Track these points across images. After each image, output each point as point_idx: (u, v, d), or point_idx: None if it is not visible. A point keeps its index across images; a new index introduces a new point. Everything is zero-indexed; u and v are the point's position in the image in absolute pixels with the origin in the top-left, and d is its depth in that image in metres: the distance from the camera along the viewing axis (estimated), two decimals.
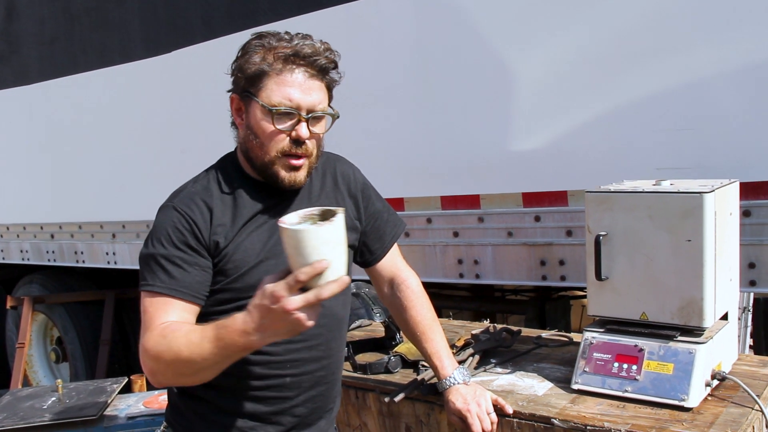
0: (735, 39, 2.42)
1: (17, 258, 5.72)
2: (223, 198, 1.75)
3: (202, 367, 1.55)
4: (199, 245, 1.68)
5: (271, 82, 1.67)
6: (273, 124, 1.68)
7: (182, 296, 1.66)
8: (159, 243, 1.69)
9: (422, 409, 2.16)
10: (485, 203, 3.06)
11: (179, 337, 1.56)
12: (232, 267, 1.70)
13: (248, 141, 1.74)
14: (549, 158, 2.84)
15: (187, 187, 1.79)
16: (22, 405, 3.24)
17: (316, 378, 1.82)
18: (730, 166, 2.41)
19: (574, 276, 2.87)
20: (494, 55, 2.92)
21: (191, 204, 1.71)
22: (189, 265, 1.67)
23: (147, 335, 1.61)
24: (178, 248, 1.67)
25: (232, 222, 1.73)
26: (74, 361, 5.69)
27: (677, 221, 1.91)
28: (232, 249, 1.71)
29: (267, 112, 1.67)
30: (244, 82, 1.71)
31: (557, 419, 1.89)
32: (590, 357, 2.05)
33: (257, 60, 1.68)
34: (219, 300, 1.72)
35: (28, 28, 5.17)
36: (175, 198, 1.75)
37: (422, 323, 2.05)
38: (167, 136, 4.35)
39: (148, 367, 1.61)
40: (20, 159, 5.50)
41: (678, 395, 1.88)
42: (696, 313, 1.93)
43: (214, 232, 1.70)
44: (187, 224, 1.68)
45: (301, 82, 1.68)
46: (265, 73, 1.67)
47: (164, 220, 1.71)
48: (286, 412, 1.80)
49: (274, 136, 1.69)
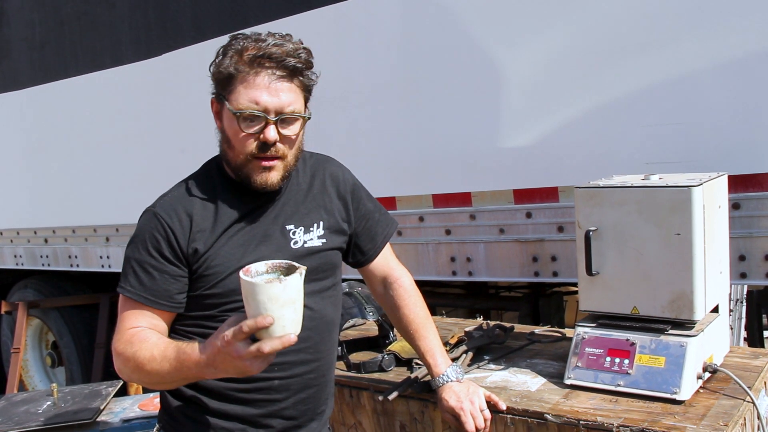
0: (722, 33, 2.43)
1: (11, 263, 5.71)
2: (204, 203, 1.75)
3: (160, 381, 1.63)
4: (173, 254, 1.70)
5: (239, 85, 1.67)
6: (240, 128, 1.68)
7: (149, 303, 1.69)
8: (136, 247, 1.72)
9: (416, 406, 2.16)
10: (477, 201, 3.06)
11: (144, 349, 1.61)
12: (212, 273, 1.71)
13: (223, 144, 1.75)
14: (539, 155, 2.85)
15: (170, 192, 1.80)
16: (17, 410, 3.23)
17: (306, 380, 1.81)
18: (718, 160, 2.42)
19: (567, 271, 2.88)
20: (483, 53, 2.92)
21: (171, 211, 1.72)
22: (159, 273, 1.69)
23: (117, 337, 1.69)
24: (150, 255, 1.70)
25: (212, 227, 1.73)
26: (70, 365, 5.68)
27: (666, 215, 1.93)
28: (212, 254, 1.71)
29: (234, 116, 1.67)
30: (217, 85, 1.72)
31: (550, 414, 1.90)
32: (582, 352, 2.06)
33: (227, 63, 1.68)
34: (204, 305, 1.73)
35: (18, 33, 5.16)
36: (157, 203, 1.77)
37: (415, 321, 2.05)
38: (159, 138, 4.35)
39: (117, 367, 1.69)
40: (13, 164, 5.49)
41: (670, 388, 1.89)
42: (686, 307, 1.94)
43: (193, 239, 1.71)
44: (163, 232, 1.70)
45: (268, 84, 1.66)
46: (234, 76, 1.67)
47: (143, 225, 1.74)
48: (276, 415, 1.79)
49: (244, 140, 1.68)
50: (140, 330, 1.68)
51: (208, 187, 1.78)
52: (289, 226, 1.80)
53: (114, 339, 1.69)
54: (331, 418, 2.35)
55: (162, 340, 1.65)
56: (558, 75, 2.78)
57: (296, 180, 1.86)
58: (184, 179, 1.83)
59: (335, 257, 1.90)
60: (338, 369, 2.41)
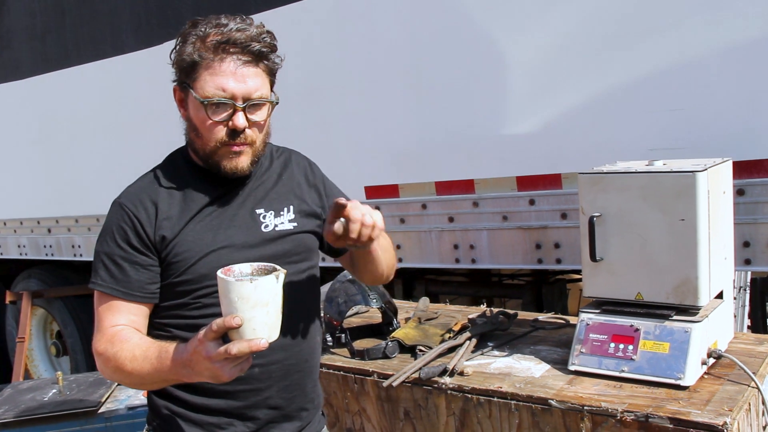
0: (726, 18, 2.42)
1: (15, 253, 5.72)
2: (170, 191, 1.73)
3: (141, 382, 1.62)
4: (141, 243, 1.68)
5: (205, 73, 1.63)
6: (208, 116, 1.65)
7: (122, 296, 1.67)
8: (104, 240, 1.71)
9: (420, 393, 2.17)
10: (480, 188, 3.06)
11: (125, 349, 1.59)
12: (181, 259, 1.68)
13: (189, 132, 1.73)
14: (542, 141, 2.84)
15: (136, 182, 1.79)
16: (23, 397, 3.25)
17: (287, 367, 1.77)
18: (723, 146, 2.41)
19: (570, 258, 2.87)
20: (486, 39, 2.91)
21: (136, 201, 1.71)
22: (129, 264, 1.67)
23: (97, 337, 1.66)
24: (119, 246, 1.68)
25: (179, 214, 1.71)
26: (74, 355, 5.70)
27: (670, 201, 1.92)
28: (180, 240, 1.69)
29: (201, 104, 1.64)
30: (180, 73, 1.69)
31: (554, 400, 1.90)
32: (587, 338, 2.06)
33: (190, 50, 1.65)
34: (176, 293, 1.70)
35: (19, 23, 5.15)
36: (122, 194, 1.75)
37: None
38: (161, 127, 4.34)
39: (98, 367, 1.68)
40: (15, 154, 5.49)
41: (674, 374, 1.89)
42: (691, 292, 1.94)
43: (159, 227, 1.69)
44: (130, 222, 1.68)
45: (234, 70, 1.63)
46: (198, 63, 1.64)
47: (110, 218, 1.72)
48: (261, 405, 1.75)
49: (212, 128, 1.66)
50: (121, 329, 1.66)
51: (174, 175, 1.76)
52: (259, 210, 1.77)
53: (94, 339, 1.67)
54: (335, 405, 2.37)
55: (144, 340, 1.63)
56: (561, 61, 2.76)
57: (265, 166, 1.83)
58: (150, 170, 1.81)
59: (309, 240, 1.85)
60: (342, 356, 2.42)
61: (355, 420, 2.36)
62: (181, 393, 1.74)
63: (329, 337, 2.50)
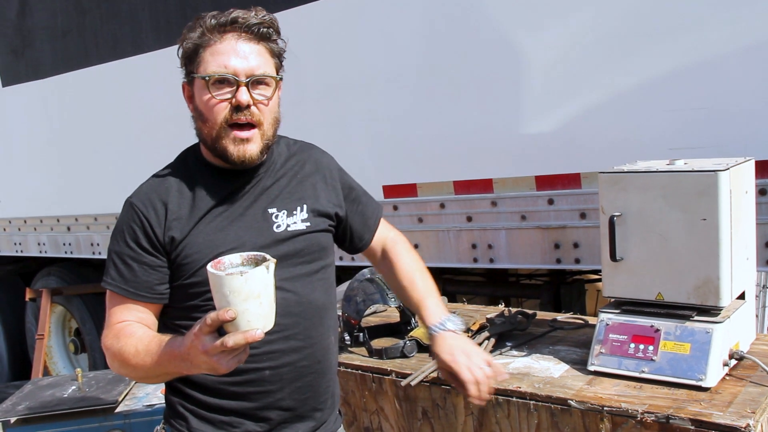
0: (748, 16, 2.39)
1: (35, 251, 5.77)
2: (180, 190, 1.72)
3: (145, 376, 1.63)
4: (150, 244, 1.67)
5: (207, 54, 1.64)
6: (211, 94, 1.64)
7: (130, 296, 1.68)
8: (116, 239, 1.71)
9: (439, 392, 2.16)
10: (498, 187, 3.05)
11: (129, 344, 1.60)
12: (191, 260, 1.67)
13: (197, 123, 1.72)
14: (561, 141, 2.83)
15: (147, 181, 1.78)
16: (43, 394, 3.27)
17: (299, 369, 1.74)
18: (745, 145, 2.38)
19: (589, 258, 2.86)
20: (505, 38, 2.90)
21: (146, 200, 1.70)
22: (138, 264, 1.67)
23: (105, 332, 1.68)
24: (129, 246, 1.68)
25: (189, 214, 1.70)
26: (93, 352, 5.75)
27: (692, 200, 1.90)
28: (189, 242, 1.68)
29: (204, 83, 1.64)
30: (186, 63, 1.69)
31: (574, 401, 1.89)
32: (606, 338, 2.05)
33: (193, 36, 1.66)
34: (186, 295, 1.70)
35: (41, 22, 5.19)
36: (134, 194, 1.75)
37: (409, 273, 1.92)
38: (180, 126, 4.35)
39: (108, 362, 1.69)
40: (36, 153, 5.53)
41: (695, 375, 1.88)
42: (712, 293, 1.92)
43: (169, 227, 1.68)
44: (139, 222, 1.68)
45: (236, 47, 1.64)
46: (200, 46, 1.65)
47: (122, 217, 1.72)
48: (272, 406, 1.73)
49: (214, 106, 1.64)
50: (127, 324, 1.66)
51: (185, 174, 1.75)
52: (272, 210, 1.75)
53: (102, 334, 1.69)
54: (353, 404, 2.37)
55: (147, 334, 1.63)
56: (580, 60, 2.75)
57: (279, 163, 1.81)
58: (162, 168, 1.81)
59: (323, 239, 1.83)
60: (360, 355, 2.42)
61: (373, 419, 2.36)
62: (195, 392, 1.74)
63: (347, 336, 2.50)
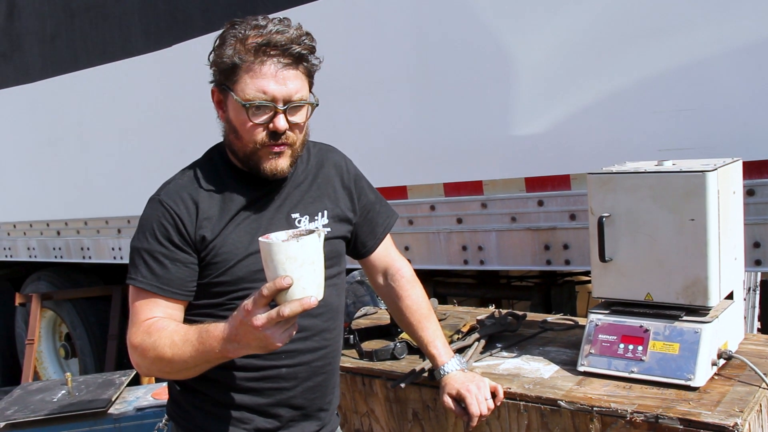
0: (735, 17, 2.41)
1: (24, 255, 5.75)
2: (209, 190, 1.73)
3: (183, 367, 1.59)
4: (182, 241, 1.68)
5: (245, 76, 1.64)
6: (249, 119, 1.65)
7: (163, 293, 1.67)
8: (144, 237, 1.69)
9: (429, 394, 2.16)
10: (488, 189, 3.05)
11: (163, 337, 1.58)
12: (220, 260, 1.69)
13: (229, 134, 1.73)
14: (551, 142, 2.84)
15: (174, 179, 1.77)
16: (32, 398, 3.26)
17: (313, 368, 1.80)
18: (733, 146, 2.40)
19: (579, 259, 2.87)
20: (494, 40, 2.91)
21: (177, 198, 1.70)
22: (170, 261, 1.67)
23: (133, 330, 1.65)
24: (160, 243, 1.67)
25: (219, 215, 1.71)
26: (83, 357, 5.72)
27: (680, 201, 1.91)
28: (219, 242, 1.69)
29: (242, 107, 1.65)
30: (220, 75, 1.69)
31: (564, 401, 1.89)
32: (596, 339, 2.05)
33: (230, 52, 1.64)
34: (212, 293, 1.72)
35: (29, 26, 5.18)
36: (162, 190, 1.74)
37: (418, 312, 2.04)
38: (170, 129, 4.36)
39: (134, 361, 1.66)
40: (25, 157, 5.52)
41: (684, 375, 1.88)
42: (701, 293, 1.93)
43: (200, 226, 1.68)
44: (171, 219, 1.67)
45: (275, 72, 1.64)
46: (238, 66, 1.64)
47: (150, 214, 1.71)
48: (284, 404, 1.78)
49: (252, 130, 1.66)
50: (156, 320, 1.65)
51: (213, 174, 1.76)
52: (295, 215, 1.79)
53: (129, 333, 1.67)
54: (344, 406, 2.36)
55: (181, 326, 1.63)
56: (569, 62, 2.76)
57: (301, 168, 1.84)
58: (188, 167, 1.81)
59: (340, 246, 1.89)
60: (350, 357, 2.42)
61: (364, 421, 2.35)
62: (206, 387, 1.76)
63: None
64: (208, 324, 1.55)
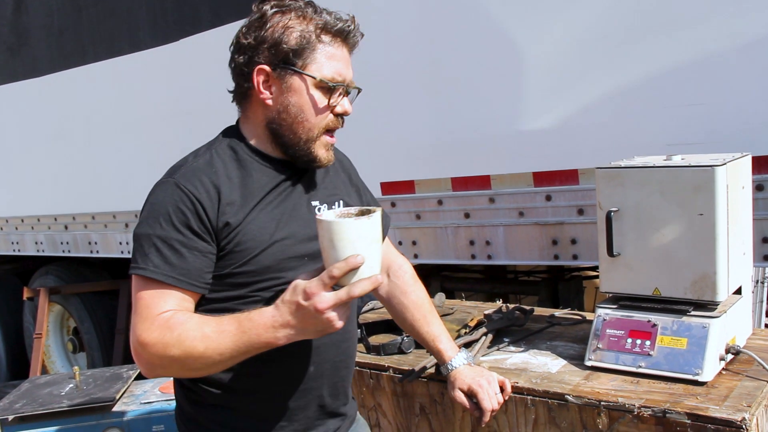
0: (745, 11, 2.40)
1: (32, 249, 5.76)
2: (229, 175, 1.63)
3: (215, 361, 1.49)
4: (202, 228, 1.56)
5: (321, 56, 1.62)
6: (327, 99, 1.64)
7: (179, 284, 1.54)
8: (156, 222, 1.55)
9: (436, 388, 2.16)
10: (496, 184, 3.05)
11: (191, 329, 1.48)
12: (244, 248, 1.59)
13: (282, 118, 1.65)
14: (559, 137, 2.83)
15: (187, 162, 1.65)
16: (40, 392, 3.27)
17: (336, 364, 1.76)
18: (742, 141, 2.38)
19: (587, 255, 2.86)
20: (502, 34, 2.90)
21: (195, 181, 1.58)
22: (188, 250, 1.54)
23: (145, 326, 1.50)
24: (177, 230, 1.54)
25: (242, 201, 1.61)
26: (91, 351, 5.74)
27: (689, 195, 1.90)
28: (243, 229, 1.59)
29: (321, 86, 1.63)
30: (285, 54, 1.61)
31: (571, 396, 1.89)
32: (603, 333, 2.05)
33: (301, 31, 1.61)
34: (233, 284, 1.61)
35: (37, 20, 5.19)
36: (175, 173, 1.61)
37: (423, 307, 2.03)
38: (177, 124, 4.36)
39: (147, 361, 1.52)
40: (33, 151, 5.53)
41: (692, 370, 1.88)
42: (709, 288, 1.93)
43: (222, 212, 1.57)
44: (190, 204, 1.55)
45: (345, 56, 1.67)
46: (313, 45, 1.62)
47: (164, 198, 1.57)
48: (312, 404, 1.73)
49: (324, 111, 1.65)
50: (174, 313, 1.52)
51: (231, 158, 1.66)
52: (315, 202, 1.74)
53: (139, 329, 1.50)
54: None
55: (206, 318, 1.51)
56: (578, 56, 2.75)
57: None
58: (201, 150, 1.70)
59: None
60: (358, 351, 2.42)
61: (371, 415, 2.36)
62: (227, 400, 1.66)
63: None
64: (246, 312, 1.48)
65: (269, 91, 1.65)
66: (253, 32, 1.63)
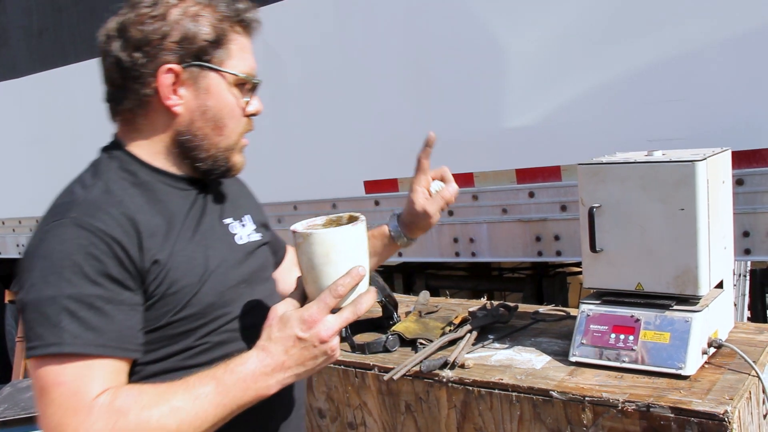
0: (724, 8, 2.42)
1: (14, 252, 5.71)
2: (137, 202, 1.32)
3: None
4: (124, 274, 1.23)
5: (234, 48, 1.36)
6: (242, 98, 1.40)
7: (110, 352, 1.20)
8: (60, 279, 1.19)
9: (421, 386, 2.16)
10: (479, 181, 3.05)
11: (151, 406, 1.17)
12: (179, 288, 1.30)
13: (197, 127, 1.37)
14: (541, 134, 2.84)
15: (76, 195, 1.32)
16: (22, 396, 3.25)
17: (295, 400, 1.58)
18: (722, 136, 2.40)
19: (570, 251, 2.88)
20: (485, 32, 2.91)
21: (102, 215, 1.25)
22: (113, 306, 1.21)
23: (79, 420, 1.15)
24: (94, 283, 1.20)
25: (165, 230, 1.32)
26: None
27: (670, 190, 1.92)
28: (173, 265, 1.30)
29: (237, 83, 1.38)
30: (199, 48, 1.33)
31: (556, 391, 1.90)
32: (587, 329, 2.06)
33: (211, 20, 1.34)
34: (172, 336, 1.30)
35: (16, 21, 5.14)
36: (70, 211, 1.26)
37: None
38: None
39: None
40: (14, 153, 5.48)
41: (675, 364, 1.89)
42: (691, 282, 1.94)
43: (147, 247, 1.26)
44: (104, 245, 1.22)
45: (251, 47, 1.41)
46: (229, 37, 1.36)
47: (63, 246, 1.22)
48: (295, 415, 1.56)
49: (240, 113, 1.40)
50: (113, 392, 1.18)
51: (131, 182, 1.36)
52: (227, 220, 1.49)
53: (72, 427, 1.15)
54: (336, 399, 2.37)
55: (167, 387, 1.21)
56: (559, 53, 2.76)
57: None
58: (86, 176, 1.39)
59: (270, 253, 1.65)
60: (343, 350, 2.42)
61: (356, 414, 2.36)
62: None
63: None
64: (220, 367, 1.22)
65: (177, 95, 1.35)
66: (150, 23, 1.33)
